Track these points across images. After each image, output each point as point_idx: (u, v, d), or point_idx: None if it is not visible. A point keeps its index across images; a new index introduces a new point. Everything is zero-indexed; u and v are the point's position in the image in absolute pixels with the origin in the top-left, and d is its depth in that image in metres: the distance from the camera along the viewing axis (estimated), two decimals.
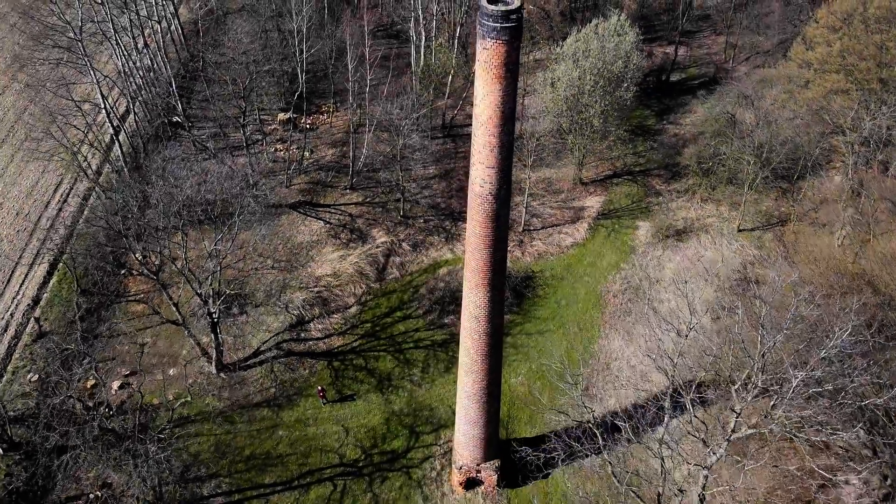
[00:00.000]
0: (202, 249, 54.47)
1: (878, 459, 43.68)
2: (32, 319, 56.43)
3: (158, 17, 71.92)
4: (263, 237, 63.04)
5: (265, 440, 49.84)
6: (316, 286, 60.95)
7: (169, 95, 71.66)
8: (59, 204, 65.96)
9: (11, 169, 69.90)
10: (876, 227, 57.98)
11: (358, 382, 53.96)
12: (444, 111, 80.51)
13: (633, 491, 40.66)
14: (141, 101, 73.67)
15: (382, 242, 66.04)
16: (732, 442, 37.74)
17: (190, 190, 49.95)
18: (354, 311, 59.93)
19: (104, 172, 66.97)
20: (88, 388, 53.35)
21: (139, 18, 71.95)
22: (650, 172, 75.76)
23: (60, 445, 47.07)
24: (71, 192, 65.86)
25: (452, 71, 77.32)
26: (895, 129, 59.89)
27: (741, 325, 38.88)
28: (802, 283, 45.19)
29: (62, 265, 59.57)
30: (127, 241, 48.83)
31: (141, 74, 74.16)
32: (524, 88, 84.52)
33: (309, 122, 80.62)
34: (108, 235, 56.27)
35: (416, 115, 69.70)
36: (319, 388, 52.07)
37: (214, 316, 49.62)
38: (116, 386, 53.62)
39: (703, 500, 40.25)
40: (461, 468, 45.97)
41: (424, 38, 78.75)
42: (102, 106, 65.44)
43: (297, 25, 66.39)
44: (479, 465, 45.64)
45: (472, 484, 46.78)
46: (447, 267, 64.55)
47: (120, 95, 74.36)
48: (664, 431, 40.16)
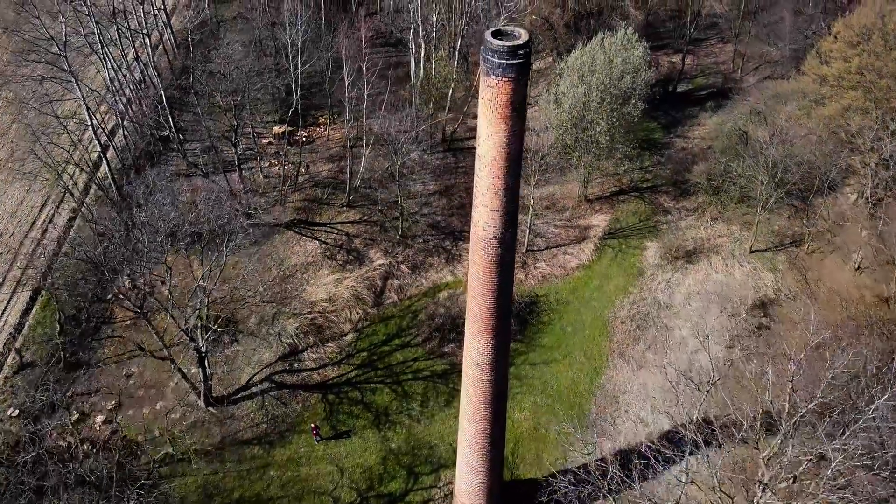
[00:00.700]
0: (189, 276, 51.93)
1: None
2: (13, 350, 53.91)
3: (148, 29, 69.14)
4: (256, 260, 60.52)
5: (255, 481, 47.29)
6: (310, 312, 58.36)
7: (158, 110, 68.96)
8: (44, 224, 63.38)
9: None
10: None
11: (353, 417, 51.40)
12: (444, 125, 77.88)
13: None
14: (131, 115, 71.13)
15: (380, 265, 63.44)
16: None
17: (175, 219, 47.25)
18: (350, 338, 57.36)
19: (91, 192, 64.31)
20: (72, 423, 50.86)
21: (129, 31, 69.28)
22: (658, 189, 73.07)
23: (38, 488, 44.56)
24: (56, 212, 63.25)
25: (453, 85, 74.66)
26: None
27: (761, 375, 36.28)
28: (826, 325, 42.54)
29: (45, 291, 56.99)
30: (108, 274, 46.20)
31: (131, 88, 71.65)
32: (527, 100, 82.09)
33: (305, 134, 77.97)
34: (91, 263, 53.66)
35: (415, 131, 67.12)
36: (313, 424, 49.54)
37: (202, 351, 47.03)
38: (101, 420, 51.11)
39: None
40: None
41: (424, 49, 76.11)
42: (89, 123, 62.83)
43: (290, 39, 63.58)
44: None
45: None
46: (447, 290, 61.98)
47: (109, 111, 71.64)
48: (683, 470, 37.58)
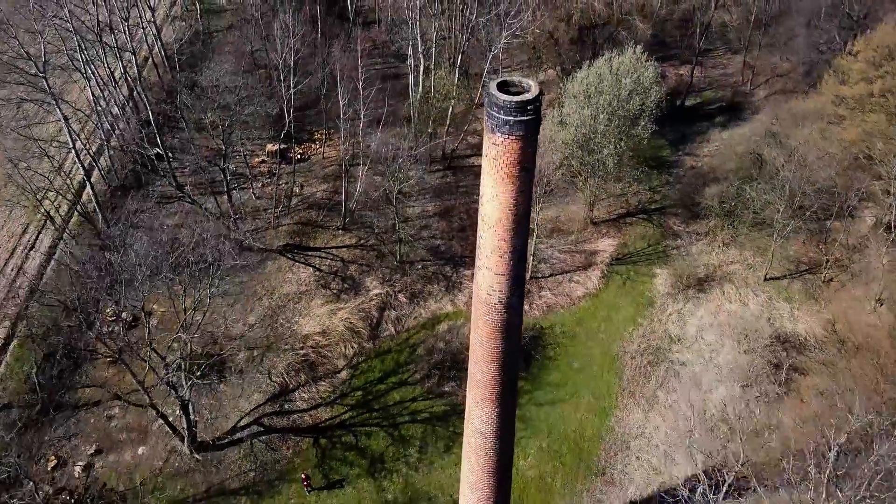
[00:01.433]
0: (176, 306, 48.87)
1: None
2: None
3: (135, 46, 66.04)
4: (247, 289, 57.61)
5: None
6: (302, 347, 55.34)
7: (145, 131, 65.86)
8: (24, 251, 60.39)
9: None
10: None
11: (347, 465, 48.38)
12: (444, 142, 74.85)
13: None
14: (117, 135, 68.15)
15: (377, 294, 60.42)
16: None
17: (157, 258, 44.21)
18: (344, 375, 54.38)
19: (72, 220, 61.26)
20: (50, 470, 47.94)
21: (116, 47, 66.17)
22: (667, 211, 69.96)
23: None
24: (38, 240, 60.18)
25: (453, 103, 71.66)
26: None
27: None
28: (853, 379, 39.67)
29: (22, 328, 53.97)
30: (82, 319, 43.24)
31: (117, 108, 68.64)
32: None
33: (300, 151, 74.94)
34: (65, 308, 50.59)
35: (414, 153, 64.17)
36: (304, 474, 46.54)
37: (184, 398, 44.04)
38: (80, 468, 48.12)
39: None
40: None
41: (423, 63, 73.04)
42: (71, 146, 59.82)
43: (281, 60, 60.48)
44: None
45: None
46: (447, 322, 58.99)
47: (94, 130, 68.53)
48: None
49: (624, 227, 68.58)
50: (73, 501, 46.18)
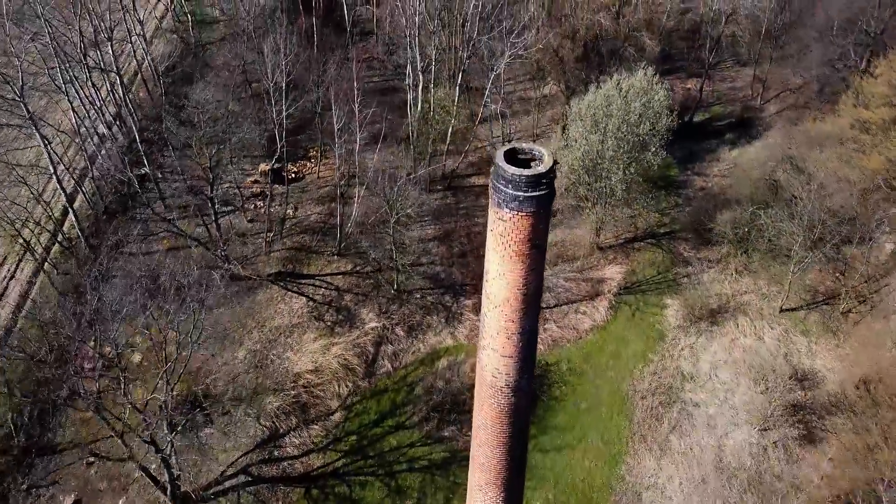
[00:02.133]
0: (159, 344, 45.95)
1: None
2: None
3: (118, 69, 63.01)
4: (234, 324, 54.66)
5: None
6: (294, 387, 52.32)
7: (132, 152, 62.85)
8: (2, 284, 57.43)
9: None
10: None
11: None
12: (444, 162, 71.85)
13: None
14: (104, 155, 65.12)
15: (373, 328, 57.43)
16: None
17: (135, 304, 41.28)
18: (338, 417, 51.41)
19: (53, 250, 58.25)
20: None
21: (101, 67, 63.16)
22: (676, 235, 66.92)
23: None
24: (16, 273, 57.21)
25: (454, 122, 68.69)
26: None
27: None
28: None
29: None
30: (52, 372, 40.32)
31: (104, 127, 65.64)
32: (534, 136, 76.03)
33: (294, 169, 71.86)
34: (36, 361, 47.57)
35: (413, 177, 61.26)
36: None
37: (166, 454, 41.07)
38: None
39: None
40: None
41: (422, 80, 70.00)
42: (52, 172, 56.86)
43: (272, 84, 57.47)
44: None
45: None
46: (447, 357, 56.05)
47: (78, 153, 65.46)
48: None
49: (632, 252, 65.60)
50: None
